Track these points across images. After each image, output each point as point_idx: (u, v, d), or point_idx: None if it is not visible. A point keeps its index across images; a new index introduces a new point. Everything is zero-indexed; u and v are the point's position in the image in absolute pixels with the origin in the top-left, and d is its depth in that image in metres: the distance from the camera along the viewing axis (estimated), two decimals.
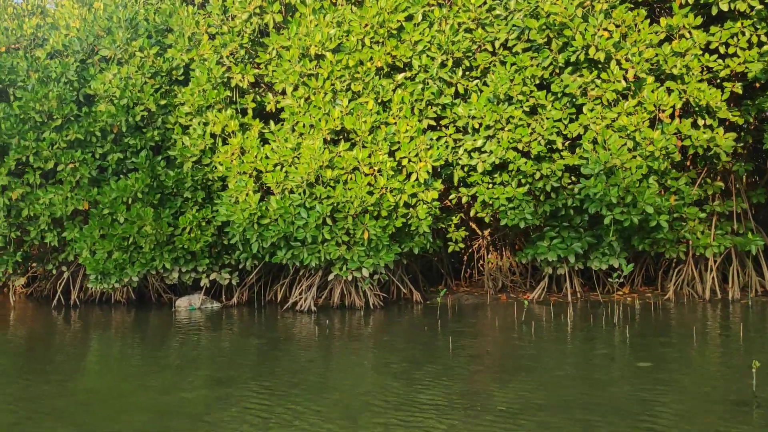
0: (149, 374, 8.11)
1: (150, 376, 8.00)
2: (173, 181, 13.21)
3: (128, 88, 13.30)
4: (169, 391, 7.35)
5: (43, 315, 13.53)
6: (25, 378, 8.06)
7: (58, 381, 7.90)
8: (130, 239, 13.07)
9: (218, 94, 12.61)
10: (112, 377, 8.05)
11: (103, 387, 7.62)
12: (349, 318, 11.92)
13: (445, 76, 11.95)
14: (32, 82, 13.56)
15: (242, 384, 7.53)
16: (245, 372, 8.09)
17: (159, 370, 8.33)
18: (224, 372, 8.11)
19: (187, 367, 8.39)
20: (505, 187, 11.93)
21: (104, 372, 8.37)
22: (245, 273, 14.64)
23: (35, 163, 13.16)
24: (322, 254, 11.81)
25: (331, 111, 11.63)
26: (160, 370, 8.32)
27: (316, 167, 11.37)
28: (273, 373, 8.02)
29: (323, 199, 11.56)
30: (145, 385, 7.61)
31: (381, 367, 8.13)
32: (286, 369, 8.18)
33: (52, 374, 8.20)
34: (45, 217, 13.21)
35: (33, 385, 7.70)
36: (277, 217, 11.80)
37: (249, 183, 12.13)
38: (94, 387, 7.64)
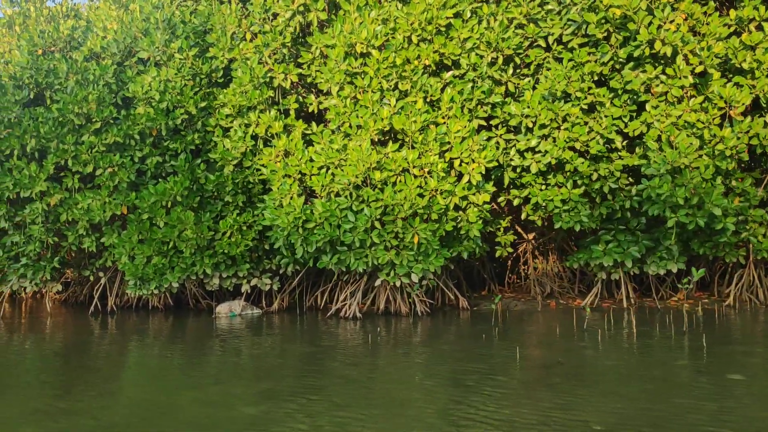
0: (202, 386, 7.60)
1: (203, 389, 7.49)
2: (214, 185, 12.77)
3: (168, 91, 12.88)
4: (230, 405, 6.83)
5: (81, 322, 13.11)
6: (73, 390, 7.58)
7: (109, 393, 7.41)
8: (170, 244, 12.63)
9: (261, 95, 12.14)
10: (164, 389, 7.54)
11: (157, 400, 7.11)
12: (397, 325, 11.35)
13: (495, 74, 11.38)
14: (70, 85, 13.20)
15: (304, 398, 6.99)
16: (304, 385, 7.54)
17: (212, 382, 7.81)
18: (280, 384, 7.57)
19: (240, 379, 7.87)
20: (560, 189, 11.33)
21: (154, 383, 7.87)
22: (285, 278, 14.16)
23: (74, 167, 12.77)
24: (369, 259, 11.27)
25: (379, 111, 11.11)
26: (213, 382, 7.80)
27: (364, 169, 10.84)
28: (335, 385, 7.47)
29: (371, 202, 11.02)
30: (200, 399, 7.09)
31: (450, 380, 7.55)
32: (346, 381, 7.63)
33: (101, 386, 7.72)
34: (83, 222, 12.81)
35: (84, 399, 7.22)
36: (322, 220, 11.29)
37: (293, 186, 11.64)
38: (148, 400, 7.13)
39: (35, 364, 9.07)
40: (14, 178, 12.79)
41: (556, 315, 12.06)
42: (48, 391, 7.56)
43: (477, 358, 8.59)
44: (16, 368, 8.79)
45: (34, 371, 8.58)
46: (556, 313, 12.24)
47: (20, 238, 13.50)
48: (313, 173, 11.56)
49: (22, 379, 8.14)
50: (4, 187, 12.86)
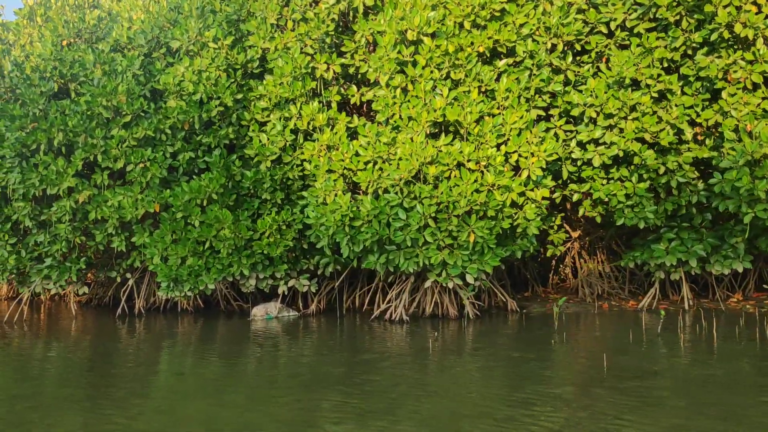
0: (269, 399, 6.82)
1: (273, 403, 6.71)
2: (251, 182, 12.01)
3: (201, 82, 12.12)
4: (312, 423, 6.06)
5: (109, 325, 12.35)
6: (114, 404, 6.83)
7: (156, 408, 6.65)
8: (206, 244, 11.88)
9: (303, 86, 11.38)
10: (221, 403, 6.78)
11: (219, 416, 6.36)
12: (450, 329, 10.59)
13: (554, 61, 10.62)
14: (98, 76, 12.45)
15: (390, 414, 6.23)
16: (385, 398, 6.78)
17: (279, 393, 7.04)
18: (353, 396, 6.80)
19: (307, 390, 7.09)
20: (623, 183, 10.57)
21: (208, 396, 7.09)
22: (322, 279, 13.40)
23: (103, 162, 12.02)
24: (420, 259, 10.51)
25: (432, 101, 10.35)
26: (281, 393, 7.03)
27: (418, 164, 10.08)
28: (416, 396, 6.71)
29: (423, 199, 10.26)
30: (275, 416, 6.31)
31: (547, 394, 6.78)
32: (426, 392, 6.87)
33: (147, 399, 6.96)
34: (113, 221, 12.06)
35: (138, 416, 6.47)
36: (371, 218, 10.53)
37: (338, 182, 10.88)
38: (205, 414, 6.38)
39: (74, 373, 8.30)
40: (40, 174, 12.04)
41: (615, 318, 11.29)
42: (98, 409, 6.81)
43: (560, 367, 7.82)
44: (56, 380, 8.04)
45: (75, 382, 7.82)
46: (614, 316, 11.47)
47: (45, 238, 12.76)
48: (359, 168, 10.81)
49: (64, 392, 7.39)
50: (30, 184, 12.11)
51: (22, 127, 11.88)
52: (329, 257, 12.32)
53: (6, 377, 8.18)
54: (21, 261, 13.07)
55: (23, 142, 11.91)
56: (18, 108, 12.09)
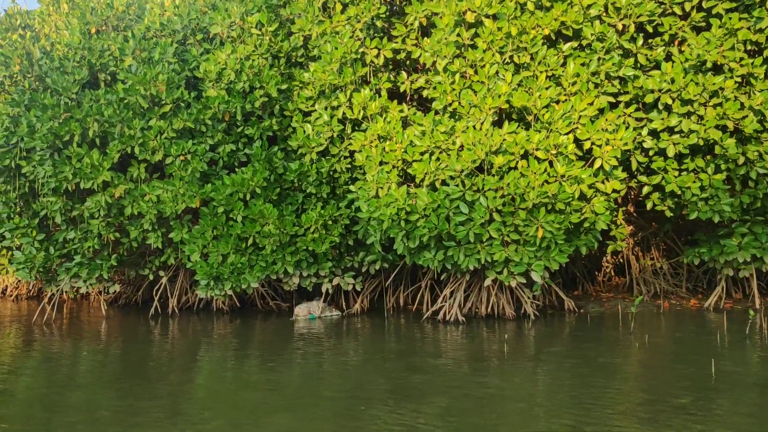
0: (353, 414, 6.09)
1: (358, 418, 5.98)
2: (295, 175, 11.26)
3: (244, 71, 11.37)
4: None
5: (144, 327, 11.61)
6: (185, 419, 6.10)
7: (235, 423, 5.92)
8: (249, 240, 11.14)
9: (354, 72, 10.64)
10: (305, 416, 6.05)
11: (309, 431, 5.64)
12: (515, 330, 9.83)
13: (625, 44, 9.87)
14: (134, 64, 11.70)
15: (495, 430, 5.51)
16: (483, 409, 6.04)
17: (367, 406, 6.32)
18: (447, 411, 6.07)
19: (394, 401, 6.34)
20: (698, 174, 9.82)
21: (286, 409, 6.33)
22: (367, 277, 12.65)
23: (141, 154, 11.28)
24: (482, 256, 9.77)
25: (497, 86, 9.61)
26: (369, 405, 6.30)
27: (483, 153, 9.33)
28: (520, 413, 5.98)
29: (487, 191, 9.52)
30: (365, 430, 5.61)
31: (661, 403, 6.05)
32: (531, 405, 6.12)
33: (218, 412, 6.22)
34: (150, 216, 11.32)
35: (207, 428, 5.74)
36: (428, 212, 9.79)
37: (392, 174, 10.14)
38: (294, 429, 5.66)
39: (126, 382, 7.56)
40: (73, 168, 11.31)
41: (684, 318, 10.53)
42: (171, 425, 6.08)
43: (662, 374, 7.08)
44: (110, 390, 7.31)
45: (132, 392, 7.08)
46: (682, 316, 10.72)
47: (76, 234, 12.03)
48: (415, 159, 10.06)
49: (124, 404, 6.66)
50: (62, 178, 11.38)
51: (55, 117, 11.13)
52: (376, 254, 11.58)
53: (52, 385, 7.45)
54: (49, 258, 12.36)
55: (56, 133, 11.17)
56: (49, 97, 11.35)
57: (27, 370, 8.17)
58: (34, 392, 7.08)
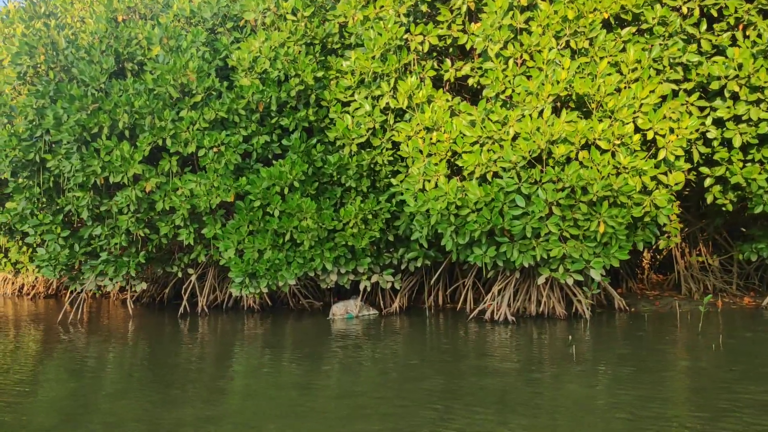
0: (427, 422, 5.47)
1: (388, 421, 5.37)
2: (334, 168, 10.64)
3: (279, 59, 10.75)
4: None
5: (172, 326, 10.99)
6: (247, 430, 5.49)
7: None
8: (286, 236, 10.53)
9: (398, 60, 10.01)
10: (386, 428, 5.43)
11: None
12: (574, 331, 9.21)
13: (689, 28, 9.24)
14: (163, 53, 11.09)
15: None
16: (559, 419, 5.43)
17: (439, 416, 5.68)
18: (529, 420, 5.46)
19: (463, 410, 5.70)
20: (764, 165, 9.19)
21: (356, 419, 5.73)
22: (405, 274, 12.02)
23: (172, 147, 10.67)
24: (538, 252, 9.15)
25: (556, 73, 8.98)
26: (441, 416, 5.67)
27: (544, 143, 8.70)
28: (609, 423, 5.36)
29: (545, 183, 8.90)
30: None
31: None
32: (634, 417, 5.50)
33: (284, 420, 5.61)
34: (183, 211, 10.71)
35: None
36: (481, 206, 9.17)
37: (441, 166, 9.52)
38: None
39: (174, 391, 6.95)
40: (102, 161, 10.70)
41: (747, 317, 9.91)
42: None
43: (763, 382, 6.46)
44: (139, 394, 6.70)
45: (178, 399, 6.47)
46: (743, 315, 10.09)
47: (103, 230, 11.42)
48: (465, 150, 9.44)
49: (180, 414, 6.05)
50: (91, 172, 10.76)
51: (83, 108, 10.52)
52: (417, 250, 10.97)
53: (89, 392, 6.84)
54: (74, 256, 11.75)
55: (84, 125, 10.56)
56: (76, 88, 10.73)
57: (63, 375, 7.56)
58: (77, 400, 6.48)
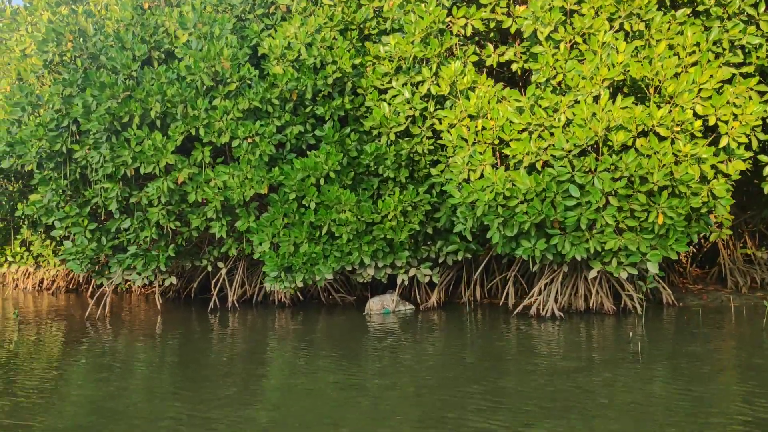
0: (439, 423, 5.01)
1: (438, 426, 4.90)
2: (371, 158, 10.19)
3: (315, 45, 10.28)
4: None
5: (204, 322, 10.57)
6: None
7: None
8: (323, 228, 10.09)
9: (441, 44, 9.53)
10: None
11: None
12: (629, 327, 8.73)
13: (749, 9, 8.72)
14: (193, 40, 10.64)
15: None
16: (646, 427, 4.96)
17: (515, 422, 5.23)
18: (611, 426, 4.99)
19: (541, 416, 5.28)
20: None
21: (435, 426, 5.29)
22: (443, 269, 11.56)
23: (206, 137, 10.22)
24: (591, 244, 8.67)
25: (611, 56, 8.48)
26: (514, 422, 5.22)
27: (601, 129, 8.21)
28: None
29: (601, 173, 8.41)
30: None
31: None
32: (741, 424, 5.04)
33: (348, 424, 5.17)
34: (216, 203, 10.28)
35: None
36: (531, 197, 8.70)
37: (487, 155, 9.05)
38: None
39: (201, 385, 6.53)
40: (133, 151, 10.27)
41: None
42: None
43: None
44: (176, 395, 6.27)
45: (211, 393, 6.05)
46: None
47: (132, 223, 11.00)
48: (513, 138, 8.96)
49: (213, 413, 5.61)
50: (121, 162, 10.34)
51: (113, 96, 10.08)
52: (458, 243, 10.51)
53: (123, 391, 6.42)
54: (101, 249, 11.34)
55: (114, 114, 10.13)
56: (107, 75, 10.30)
57: (97, 372, 7.15)
58: (114, 399, 6.06)
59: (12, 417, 5.65)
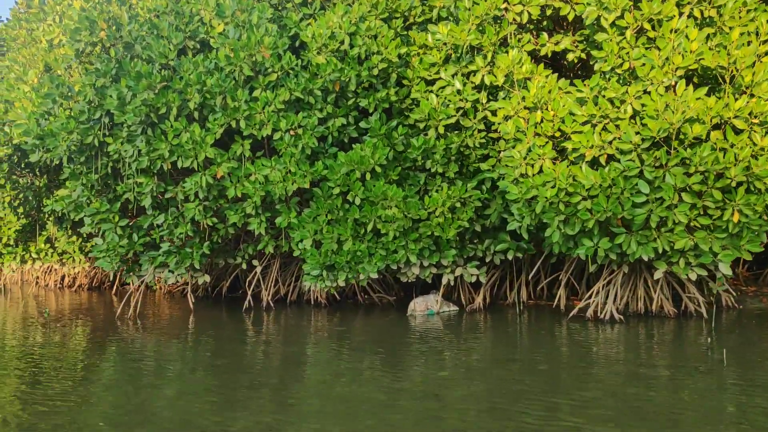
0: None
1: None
2: (419, 152, 9.66)
3: (359, 33, 9.76)
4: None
5: (240, 322, 10.09)
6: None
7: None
8: (369, 225, 9.57)
9: (497, 32, 8.99)
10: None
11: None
12: (698, 331, 8.18)
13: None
14: (230, 28, 10.13)
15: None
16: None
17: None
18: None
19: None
20: None
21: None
22: (490, 268, 11.03)
23: (246, 129, 9.73)
24: (660, 244, 8.12)
25: (684, 43, 7.92)
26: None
27: (677, 121, 7.66)
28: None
29: (673, 167, 7.86)
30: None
31: None
32: None
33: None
34: (256, 198, 9.77)
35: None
36: (596, 193, 8.16)
37: (547, 148, 8.52)
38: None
39: (254, 394, 6.03)
40: (170, 144, 9.78)
41: None
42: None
43: None
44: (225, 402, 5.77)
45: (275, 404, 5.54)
46: None
47: (167, 219, 10.51)
48: (575, 131, 8.43)
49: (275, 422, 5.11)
50: (157, 156, 9.86)
51: (150, 87, 9.59)
52: (509, 242, 9.98)
53: (160, 395, 5.92)
54: (132, 246, 10.86)
55: (151, 105, 9.64)
56: (144, 64, 9.81)
57: (134, 376, 6.67)
58: (151, 403, 5.57)
59: (46, 419, 5.17)
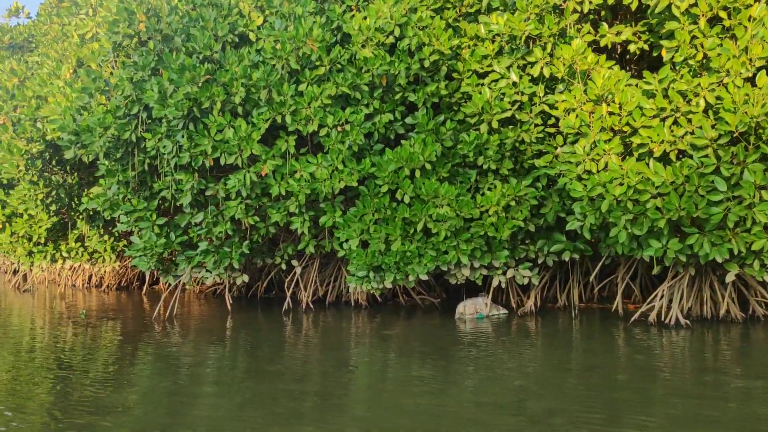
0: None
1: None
2: (471, 148, 9.21)
3: (410, 25, 9.33)
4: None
5: (282, 325, 9.68)
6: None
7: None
8: (418, 225, 9.13)
9: (558, 22, 8.52)
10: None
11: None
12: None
13: None
14: (276, 20, 9.73)
15: None
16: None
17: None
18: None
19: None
20: None
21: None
22: (543, 270, 10.54)
23: (292, 125, 9.32)
24: (735, 245, 7.61)
25: (763, 32, 7.41)
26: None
27: (758, 114, 7.15)
28: None
29: (751, 164, 7.36)
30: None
31: None
32: None
33: None
34: (301, 197, 9.36)
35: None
36: (667, 191, 7.67)
37: (614, 143, 8.03)
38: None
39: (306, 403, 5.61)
40: (213, 140, 9.40)
41: None
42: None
43: None
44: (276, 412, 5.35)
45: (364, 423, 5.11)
46: None
47: (206, 218, 10.14)
48: (644, 125, 7.93)
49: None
50: (199, 152, 9.48)
51: (194, 80, 9.22)
52: (565, 242, 9.50)
53: (203, 404, 5.51)
54: (169, 245, 10.50)
55: (195, 99, 9.27)
56: (187, 57, 9.44)
57: (176, 382, 6.28)
58: (193, 409, 5.17)
59: (84, 417, 4.78)
